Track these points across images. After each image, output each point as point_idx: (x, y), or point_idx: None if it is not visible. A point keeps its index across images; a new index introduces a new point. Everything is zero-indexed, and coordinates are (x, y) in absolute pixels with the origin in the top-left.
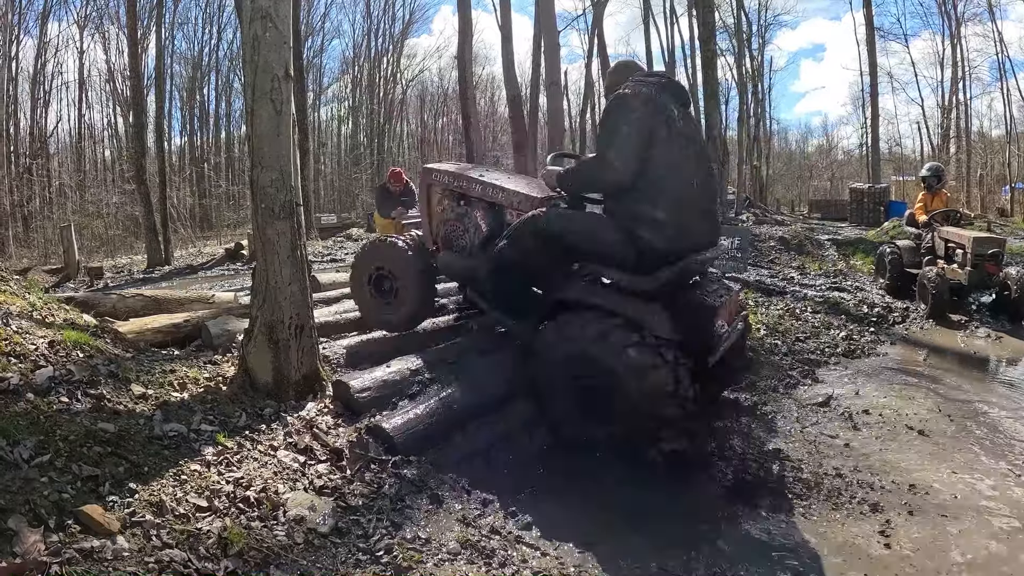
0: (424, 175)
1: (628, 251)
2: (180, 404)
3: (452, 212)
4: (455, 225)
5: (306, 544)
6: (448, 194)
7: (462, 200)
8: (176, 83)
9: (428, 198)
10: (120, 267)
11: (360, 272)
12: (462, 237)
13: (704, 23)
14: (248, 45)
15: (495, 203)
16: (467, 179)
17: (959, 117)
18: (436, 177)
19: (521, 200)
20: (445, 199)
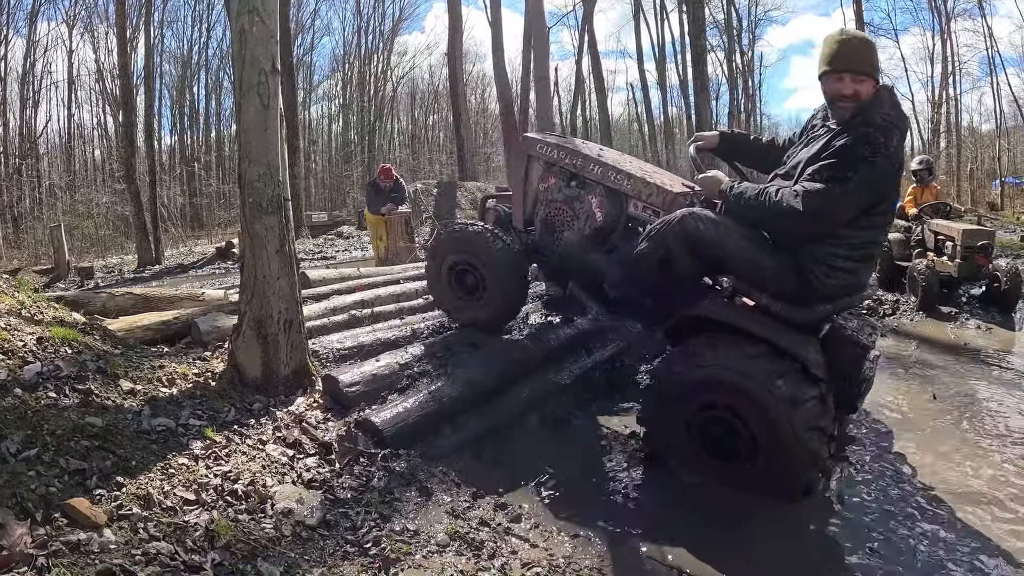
0: (525, 144)
1: (789, 281)
2: (168, 399)
3: (559, 193)
4: (562, 209)
5: (294, 537)
6: (556, 171)
7: (573, 180)
8: (166, 81)
9: (527, 172)
10: (111, 267)
11: (437, 262)
12: (569, 224)
13: (694, 19)
14: (236, 39)
15: (617, 190)
16: (583, 157)
17: (949, 112)
18: (541, 149)
19: (653, 193)
20: (551, 176)
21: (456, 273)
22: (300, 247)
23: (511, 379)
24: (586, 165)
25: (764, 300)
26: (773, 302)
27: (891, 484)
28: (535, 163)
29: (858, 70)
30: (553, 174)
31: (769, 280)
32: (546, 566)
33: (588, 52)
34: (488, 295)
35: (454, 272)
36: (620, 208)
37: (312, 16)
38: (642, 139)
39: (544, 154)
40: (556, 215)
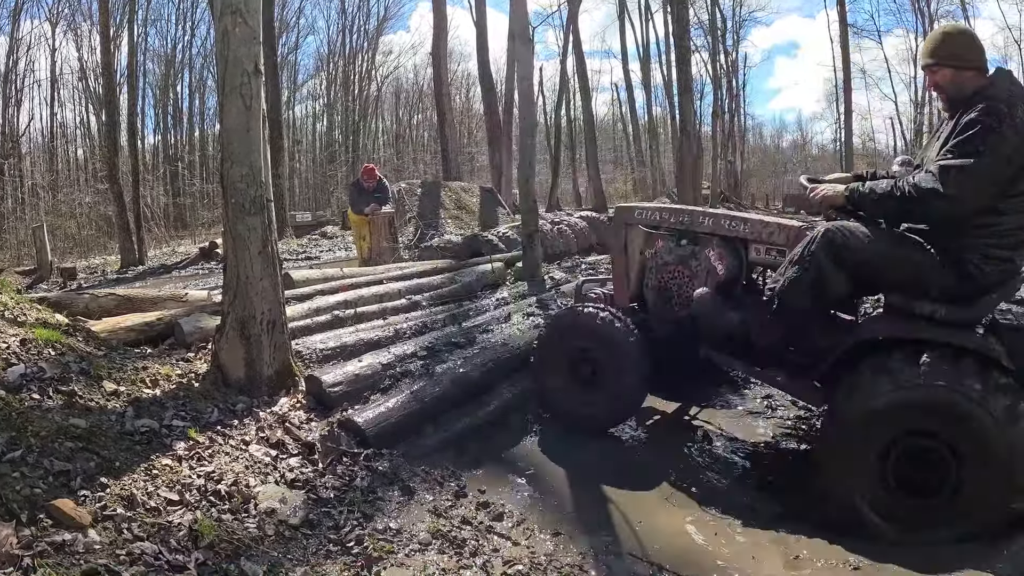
0: (620, 216)
1: (948, 276)
2: (152, 400)
3: (670, 255)
4: (676, 271)
5: (277, 536)
6: (662, 234)
7: (683, 239)
8: (149, 80)
9: (626, 243)
10: (93, 267)
11: (550, 353)
12: (688, 284)
13: (678, 19)
14: (219, 40)
15: (735, 238)
16: (689, 212)
17: (932, 113)
18: (640, 215)
19: (774, 232)
20: (657, 240)
21: (572, 364)
22: (284, 247)
23: (494, 378)
24: (695, 219)
25: (927, 308)
26: (936, 307)
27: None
28: (634, 232)
29: (927, 64)
30: (659, 237)
31: (927, 279)
32: (528, 564)
33: (573, 52)
34: (607, 389)
35: (569, 363)
36: (740, 257)
37: (297, 15)
38: (626, 139)
39: (644, 219)
40: (671, 279)
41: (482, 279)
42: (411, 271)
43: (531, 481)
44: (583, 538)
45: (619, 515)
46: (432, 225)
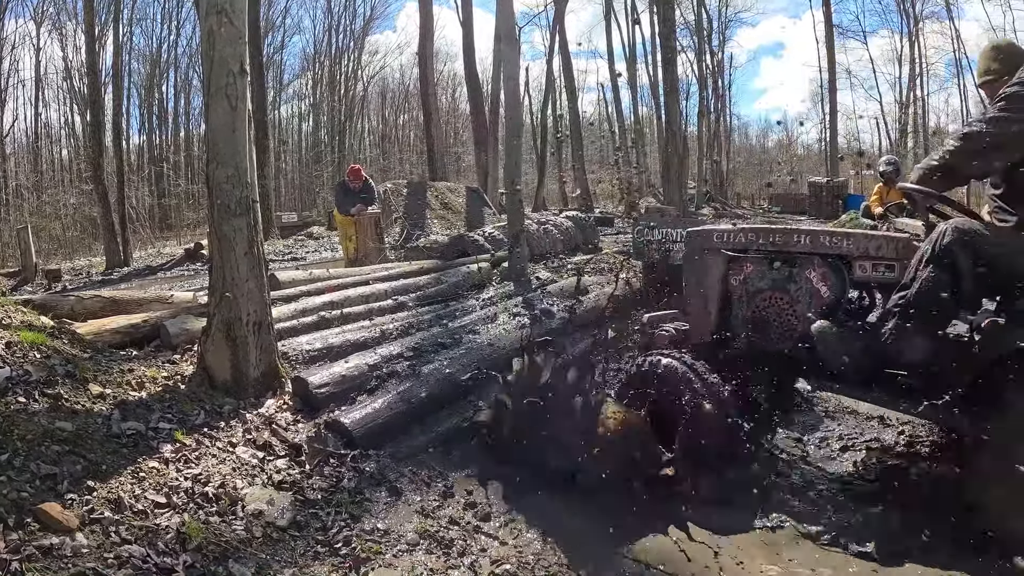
0: (696, 241)
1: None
2: (138, 403)
3: (763, 280)
4: (773, 298)
5: (265, 538)
6: (751, 258)
7: (777, 261)
8: (134, 80)
9: (704, 272)
10: (78, 269)
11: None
12: (787, 312)
13: (664, 20)
14: (204, 40)
15: (837, 255)
16: (781, 231)
17: (916, 113)
18: (719, 239)
19: (881, 245)
20: (747, 265)
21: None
22: (270, 248)
23: (480, 378)
24: (789, 238)
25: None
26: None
27: None
28: (713, 258)
29: (979, 83)
30: (747, 262)
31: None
32: (515, 563)
33: (559, 52)
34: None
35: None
36: (843, 276)
37: (283, 14)
38: (612, 139)
39: (725, 243)
40: (767, 307)
41: (468, 279)
42: (397, 271)
43: (518, 481)
44: (570, 538)
45: (606, 515)
46: (418, 225)
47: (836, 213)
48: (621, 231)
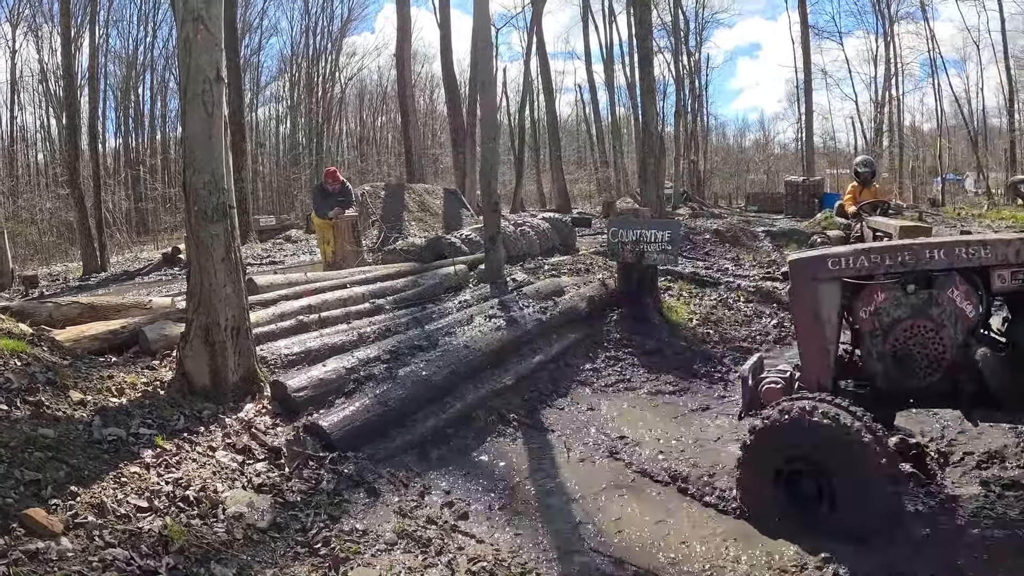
0: (804, 270)
1: None
2: (119, 409)
3: (900, 308)
4: (914, 326)
5: (245, 539)
6: (881, 284)
7: (911, 283)
8: (110, 82)
9: (819, 305)
10: (55, 275)
11: (760, 461)
12: (934, 339)
13: (641, 21)
14: (181, 47)
15: (978, 268)
16: (912, 249)
17: (892, 112)
18: (837, 266)
19: (1020, 248)
20: (876, 293)
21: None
22: (248, 252)
23: (457, 380)
24: (921, 255)
25: None
26: None
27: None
28: (829, 287)
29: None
30: (879, 288)
31: None
32: (492, 560)
33: (536, 53)
34: (843, 513)
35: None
36: (982, 290)
37: (260, 16)
38: (590, 140)
39: (844, 269)
40: (909, 337)
41: (445, 282)
42: (375, 275)
43: (495, 481)
44: (546, 535)
45: (582, 511)
46: (396, 228)
47: (812, 211)
48: (599, 231)
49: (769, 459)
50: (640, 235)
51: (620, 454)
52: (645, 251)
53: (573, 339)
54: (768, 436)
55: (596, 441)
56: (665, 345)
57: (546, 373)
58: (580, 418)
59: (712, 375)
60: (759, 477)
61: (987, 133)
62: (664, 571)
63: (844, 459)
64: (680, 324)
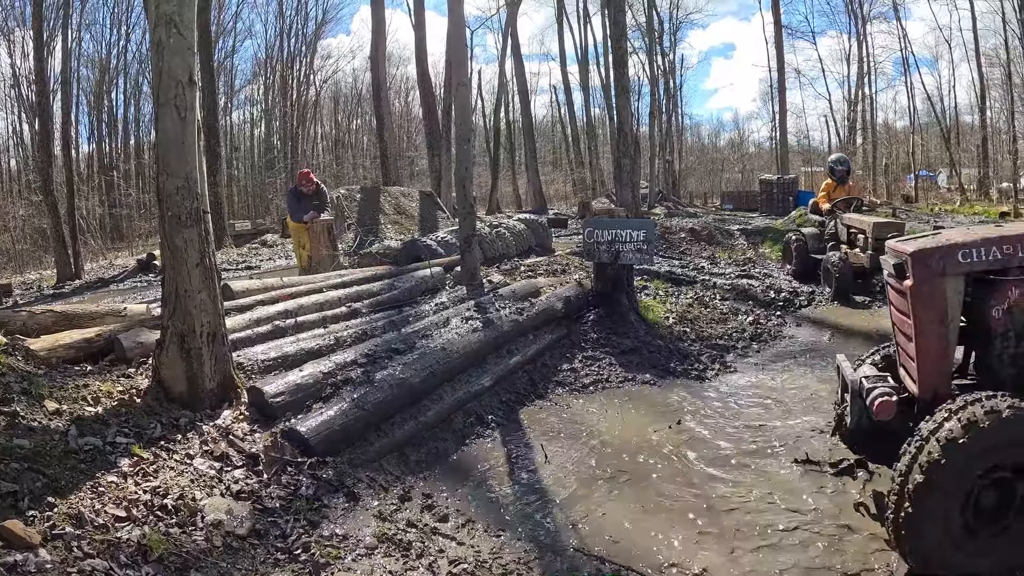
0: (929, 260)
1: None
2: (95, 418)
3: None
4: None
5: (225, 547)
6: (1014, 283)
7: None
8: (83, 87)
9: (943, 302)
10: (29, 283)
11: (950, 481)
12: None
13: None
14: (153, 51)
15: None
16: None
17: (865, 110)
18: (968, 258)
19: None
20: (1010, 289)
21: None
22: (223, 257)
23: (434, 383)
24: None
25: None
26: None
27: None
28: (955, 283)
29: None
30: (1013, 284)
31: None
32: (473, 562)
33: (511, 55)
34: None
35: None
36: None
37: (233, 19)
38: (565, 140)
39: (976, 262)
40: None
41: (421, 284)
42: (351, 278)
43: (475, 482)
44: (527, 536)
45: (562, 511)
46: (372, 231)
47: (787, 209)
48: (575, 232)
49: (965, 475)
50: (615, 235)
51: (599, 451)
52: (621, 251)
53: (550, 340)
54: (972, 445)
55: (575, 440)
56: (642, 344)
57: (524, 374)
58: (558, 417)
59: (689, 372)
60: (945, 502)
61: (959, 130)
62: (645, 567)
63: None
64: (657, 323)
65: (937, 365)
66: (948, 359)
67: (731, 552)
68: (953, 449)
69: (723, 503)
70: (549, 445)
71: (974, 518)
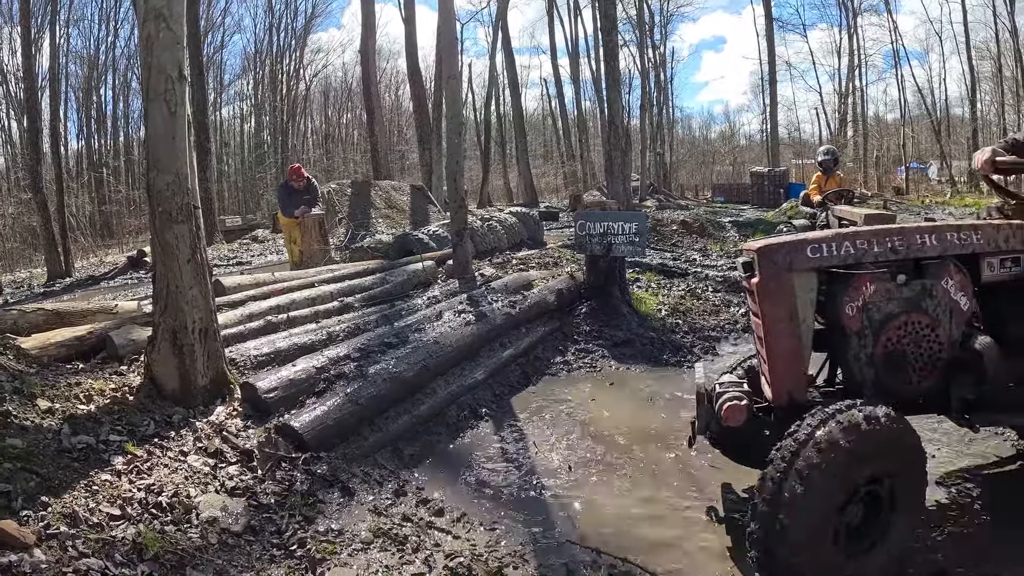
0: (776, 256)
1: None
2: (87, 416)
3: (893, 302)
4: (911, 322)
5: (220, 544)
6: (871, 275)
7: (901, 272)
8: (71, 83)
9: (793, 300)
10: (19, 281)
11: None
12: (931, 336)
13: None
14: (143, 46)
15: (968, 255)
16: (902, 233)
17: (856, 103)
18: (817, 253)
19: (1009, 235)
20: (865, 284)
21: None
22: (215, 253)
23: (428, 376)
24: (912, 240)
25: None
26: None
27: None
28: (806, 280)
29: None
30: (869, 279)
31: None
32: (469, 556)
33: (502, 48)
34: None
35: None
36: (971, 280)
37: (223, 14)
38: (556, 134)
39: (825, 257)
40: (903, 336)
41: (413, 278)
42: (342, 273)
43: (470, 476)
44: (522, 528)
45: (557, 503)
46: (363, 225)
47: (778, 201)
48: (566, 225)
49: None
50: (607, 227)
51: (592, 441)
52: (612, 243)
53: (543, 332)
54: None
55: (568, 431)
56: (635, 336)
57: (517, 367)
58: (551, 409)
59: (682, 364)
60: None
61: (950, 122)
62: (640, 557)
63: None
64: (649, 315)
65: (789, 367)
66: (800, 361)
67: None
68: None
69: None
70: (542, 436)
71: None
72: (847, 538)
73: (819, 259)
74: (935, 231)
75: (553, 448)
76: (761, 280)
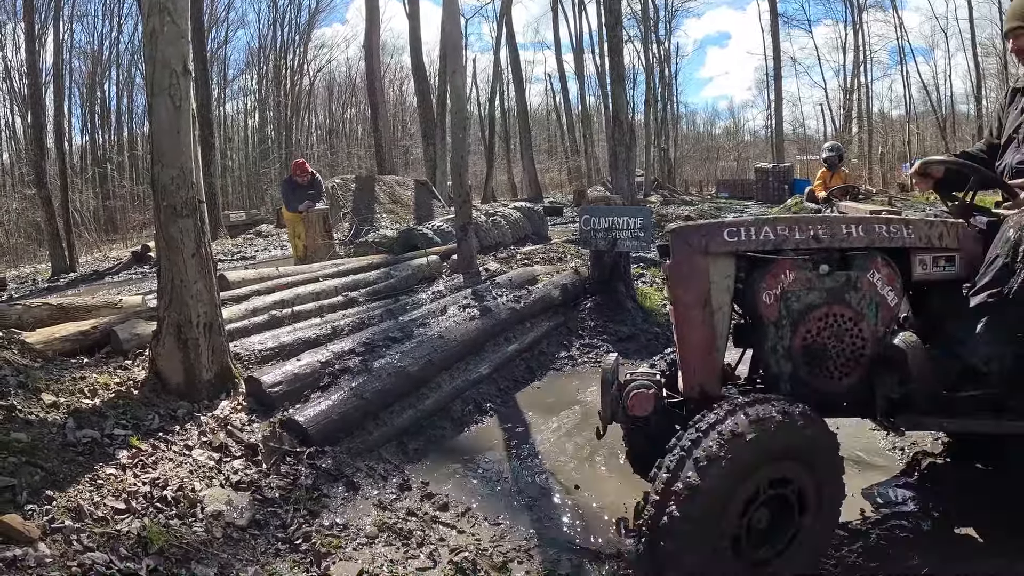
0: (691, 238)
1: None
2: (92, 410)
3: (813, 293)
4: (832, 314)
5: (225, 538)
6: (790, 263)
7: (824, 263)
8: (75, 79)
9: (705, 286)
10: (23, 277)
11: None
12: (853, 330)
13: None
14: (147, 41)
15: (898, 249)
16: (826, 222)
17: (860, 99)
18: (734, 238)
19: (942, 232)
20: (786, 272)
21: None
22: (218, 248)
23: (432, 371)
24: (837, 230)
25: None
26: None
27: None
28: (722, 265)
29: (1014, 28)
30: (789, 267)
31: None
32: (473, 550)
33: (506, 44)
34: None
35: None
36: (901, 276)
37: (226, 9)
38: (560, 129)
39: (743, 243)
40: (823, 329)
41: (417, 273)
42: (347, 267)
43: (474, 470)
44: (527, 523)
45: (561, 498)
46: (367, 220)
47: (783, 197)
48: (571, 220)
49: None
50: (612, 222)
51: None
52: (617, 238)
53: (548, 327)
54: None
55: (573, 426)
56: (639, 331)
57: (522, 361)
58: (557, 404)
59: None
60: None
61: (955, 119)
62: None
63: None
64: (654, 310)
65: (701, 357)
66: (713, 351)
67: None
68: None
69: None
70: (547, 431)
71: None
72: (748, 543)
73: (736, 243)
74: (862, 222)
75: (558, 443)
76: (674, 263)
